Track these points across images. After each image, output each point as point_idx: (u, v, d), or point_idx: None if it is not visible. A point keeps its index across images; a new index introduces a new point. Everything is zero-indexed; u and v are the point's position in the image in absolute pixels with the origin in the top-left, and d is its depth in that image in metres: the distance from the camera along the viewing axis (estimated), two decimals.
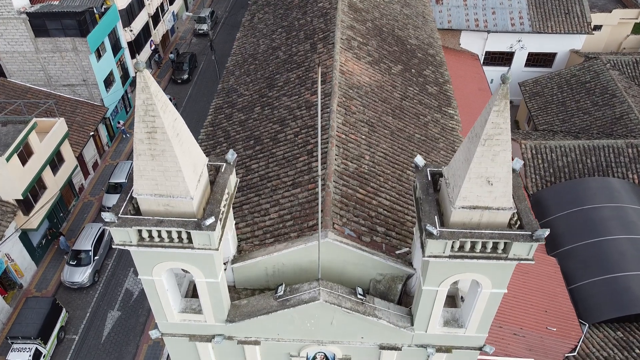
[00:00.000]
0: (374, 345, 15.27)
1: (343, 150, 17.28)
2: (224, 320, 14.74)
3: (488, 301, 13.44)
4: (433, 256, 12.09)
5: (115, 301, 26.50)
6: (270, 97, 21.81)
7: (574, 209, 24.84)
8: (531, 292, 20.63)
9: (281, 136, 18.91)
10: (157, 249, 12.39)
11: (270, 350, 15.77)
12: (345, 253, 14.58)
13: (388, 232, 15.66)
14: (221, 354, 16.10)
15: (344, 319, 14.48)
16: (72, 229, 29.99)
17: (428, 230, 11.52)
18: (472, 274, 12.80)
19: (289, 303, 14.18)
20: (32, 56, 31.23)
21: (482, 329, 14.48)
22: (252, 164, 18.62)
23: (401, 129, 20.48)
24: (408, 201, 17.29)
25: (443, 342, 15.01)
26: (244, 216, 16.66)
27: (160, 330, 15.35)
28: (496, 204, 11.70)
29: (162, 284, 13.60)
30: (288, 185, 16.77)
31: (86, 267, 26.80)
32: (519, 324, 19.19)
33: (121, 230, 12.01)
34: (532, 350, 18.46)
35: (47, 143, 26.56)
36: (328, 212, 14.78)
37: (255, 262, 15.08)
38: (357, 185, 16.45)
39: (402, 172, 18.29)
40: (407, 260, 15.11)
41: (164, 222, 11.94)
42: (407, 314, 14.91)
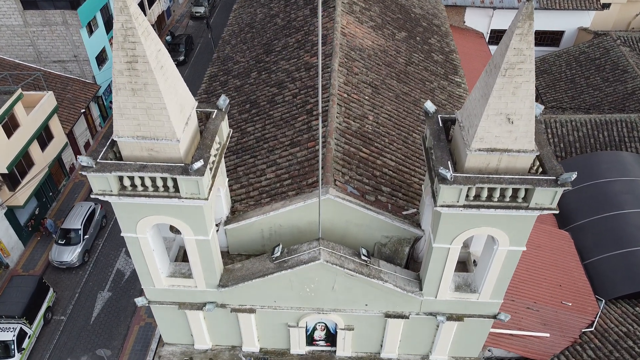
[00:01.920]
0: (379, 313, 14.09)
1: (345, 109, 16.10)
2: (216, 285, 13.56)
3: (505, 261, 12.26)
4: (446, 206, 10.90)
5: (106, 282, 25.30)
6: (267, 62, 20.61)
7: (586, 183, 23.69)
8: (544, 266, 19.46)
9: (279, 98, 17.72)
10: (141, 200, 11.21)
11: (266, 319, 14.58)
12: (347, 212, 13.41)
13: (394, 192, 14.49)
14: (213, 324, 14.91)
15: (346, 283, 13.30)
16: (62, 209, 28.80)
17: (441, 174, 10.33)
18: (488, 229, 11.62)
19: (286, 265, 13.00)
20: (21, 30, 29.99)
21: (497, 294, 13.30)
22: (247, 126, 17.44)
23: (406, 93, 19.29)
24: (415, 163, 16.12)
25: (454, 310, 13.83)
26: (238, 178, 15.49)
27: (147, 297, 14.17)
28: (516, 146, 10.52)
29: (147, 243, 12.41)
30: (286, 145, 15.59)
31: (75, 246, 25.60)
32: (532, 298, 18.02)
33: (100, 177, 10.83)
34: (547, 325, 17.29)
35: (34, 116, 25.35)
36: (329, 169, 13.61)
37: (250, 224, 13.91)
38: (360, 144, 15.27)
39: (408, 134, 17.11)
40: (414, 221, 13.94)
41: (147, 167, 10.76)
42: (415, 278, 13.74)
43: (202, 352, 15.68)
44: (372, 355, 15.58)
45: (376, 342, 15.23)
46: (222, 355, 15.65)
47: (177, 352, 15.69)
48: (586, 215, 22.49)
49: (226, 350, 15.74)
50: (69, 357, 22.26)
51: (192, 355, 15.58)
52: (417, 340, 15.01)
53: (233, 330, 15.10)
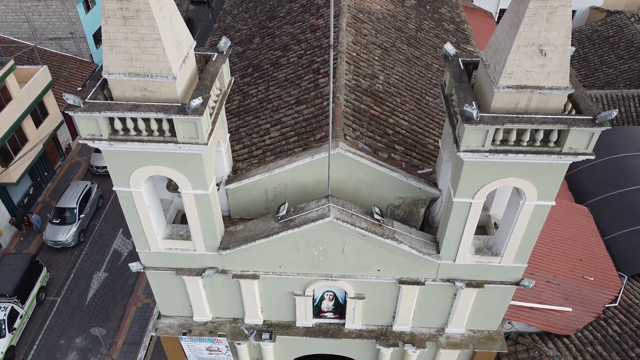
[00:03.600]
0: (392, 280, 13.06)
1: (354, 67, 15.09)
2: (216, 248, 12.55)
3: (531, 218, 11.23)
4: (470, 151, 9.87)
5: (102, 262, 24.30)
6: (270, 28, 19.58)
7: (603, 158, 22.64)
8: (563, 241, 18.42)
9: (283, 60, 16.71)
10: (134, 145, 10.19)
11: (270, 287, 13.55)
12: (358, 169, 12.40)
13: (408, 151, 13.48)
14: (214, 293, 13.89)
15: (357, 245, 12.28)
16: (57, 190, 27.79)
17: (466, 112, 9.30)
18: (514, 180, 10.59)
19: (293, 224, 11.98)
20: (15, 5, 29.00)
21: (521, 258, 12.28)
22: (250, 89, 16.43)
23: (417, 57, 18.26)
24: (429, 125, 15.11)
25: (474, 275, 12.80)
26: (240, 139, 14.48)
27: (142, 262, 13.17)
28: (549, 82, 9.49)
29: (141, 198, 11.40)
30: (291, 104, 14.58)
31: (70, 225, 24.57)
32: (553, 272, 16.97)
33: (89, 118, 9.82)
34: (569, 299, 16.25)
35: (28, 90, 24.35)
36: (339, 123, 12.60)
37: (253, 183, 12.90)
38: (370, 102, 14.26)
39: (420, 97, 16.09)
40: (431, 180, 12.92)
41: (140, 107, 9.74)
42: (432, 241, 12.71)
43: (202, 324, 14.66)
44: (384, 328, 14.56)
45: (388, 313, 14.20)
46: (223, 327, 14.63)
47: (175, 325, 14.68)
48: (604, 191, 21.44)
49: (227, 323, 14.72)
50: (62, 338, 21.27)
51: (190, 328, 14.57)
52: (432, 311, 13.99)
53: (235, 300, 14.08)
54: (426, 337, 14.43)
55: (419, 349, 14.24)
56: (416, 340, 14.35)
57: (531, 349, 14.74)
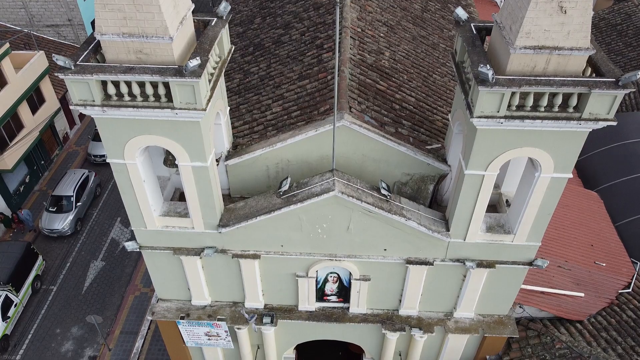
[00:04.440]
0: (400, 260, 12.50)
1: (359, 42, 14.53)
2: (215, 225, 12.00)
3: (547, 192, 10.67)
4: (484, 117, 9.31)
5: (99, 251, 23.75)
6: (272, 7, 19.01)
7: (614, 144, 22.08)
8: (574, 226, 17.86)
9: (285, 38, 16.14)
10: (128, 112, 9.64)
11: (272, 267, 13.00)
12: (364, 144, 11.85)
13: (415, 127, 12.92)
14: (213, 275, 13.34)
15: (363, 222, 11.73)
16: (54, 179, 27.24)
17: (481, 74, 8.74)
18: (530, 150, 10.03)
19: (295, 199, 11.42)
20: None
21: (535, 236, 11.72)
22: (251, 67, 15.87)
23: (424, 37, 17.70)
24: (437, 102, 14.55)
25: (485, 255, 12.25)
26: (240, 115, 13.93)
27: (138, 241, 12.62)
28: (569, 43, 8.93)
29: (137, 171, 10.85)
30: (294, 80, 14.03)
31: (67, 214, 24.03)
32: (563, 257, 16.43)
33: (80, 81, 9.26)
34: (581, 285, 15.69)
35: (24, 75, 23.79)
36: (344, 95, 12.05)
37: (254, 159, 12.35)
38: (376, 77, 13.71)
39: (428, 75, 15.53)
40: (440, 155, 12.36)
41: (135, 69, 9.19)
42: (441, 218, 12.16)
43: (201, 308, 14.11)
44: (390, 312, 14.00)
45: (394, 297, 13.65)
46: (222, 312, 14.07)
47: (173, 309, 14.13)
48: (615, 177, 20.88)
49: (227, 307, 14.17)
50: (58, 328, 20.73)
51: (189, 312, 14.02)
52: (440, 294, 13.43)
53: (235, 282, 13.53)
54: (434, 321, 13.87)
55: (426, 333, 13.69)
56: (423, 325, 13.79)
57: (543, 335, 14.18)
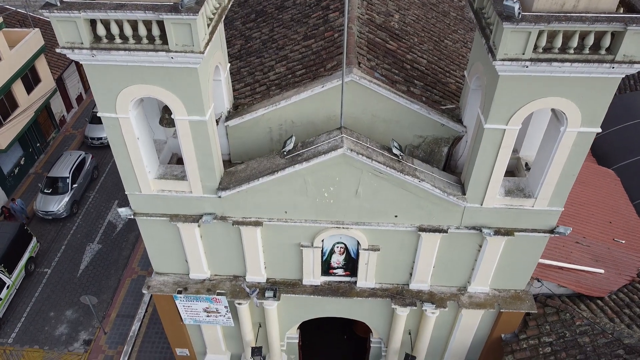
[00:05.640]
0: (411, 227, 11.71)
1: (367, 3, 13.75)
2: (214, 189, 11.22)
3: (572, 148, 9.86)
4: (508, 59, 8.51)
5: (96, 234, 22.98)
6: None
7: (628, 123, 21.29)
8: (590, 202, 17.07)
9: (289, 3, 15.34)
10: (120, 56, 8.85)
11: (275, 237, 12.21)
12: (374, 102, 11.06)
13: (428, 87, 12.13)
14: (212, 245, 12.55)
15: (373, 184, 10.94)
16: (50, 162, 26.47)
17: (507, 8, 7.93)
18: (556, 100, 9.22)
19: (300, 158, 10.64)
20: None
21: (557, 200, 10.91)
22: (252, 33, 15.07)
23: (434, 5, 16.91)
24: (450, 65, 13.76)
25: (503, 222, 11.45)
26: (241, 78, 13.15)
27: (132, 207, 11.83)
28: None
29: (130, 126, 10.07)
30: (298, 40, 13.23)
31: (62, 195, 23.26)
32: (581, 233, 15.62)
33: (67, 20, 8.49)
34: (600, 261, 14.90)
35: (18, 52, 23.02)
36: (352, 51, 11.25)
37: (256, 119, 11.56)
38: (386, 36, 12.92)
39: (439, 40, 14.73)
40: (455, 115, 11.57)
41: (126, 5, 8.41)
42: (457, 182, 11.36)
43: (199, 282, 13.33)
44: (400, 287, 13.21)
45: (405, 269, 12.86)
46: (222, 286, 13.29)
47: (170, 282, 13.36)
48: (631, 155, 20.10)
49: (227, 281, 13.39)
50: (52, 311, 19.97)
51: (186, 286, 13.24)
52: (454, 266, 12.63)
53: (235, 253, 12.75)
54: (446, 296, 13.08)
55: (438, 308, 12.89)
56: (435, 300, 13.00)
57: (562, 311, 13.38)
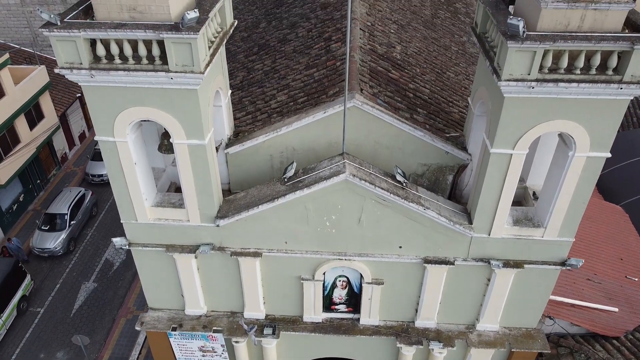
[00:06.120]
0: (416, 259, 11.24)
1: (369, 34, 13.82)
2: (213, 217, 10.85)
3: (582, 174, 9.55)
4: (513, 80, 8.34)
5: (92, 272, 22.39)
6: (278, 12, 18.54)
7: (632, 159, 21.05)
8: (600, 239, 16.57)
9: (291, 36, 15.49)
10: (119, 77, 8.72)
11: (274, 269, 11.73)
12: (377, 128, 10.87)
13: (431, 116, 11.97)
14: (209, 276, 12.05)
15: (376, 213, 10.57)
16: (50, 199, 26.17)
17: (511, 26, 7.83)
18: (563, 123, 9.00)
19: (302, 184, 10.32)
20: (17, 10, 28.43)
21: (568, 230, 10.50)
22: (255, 65, 15.14)
23: (435, 39, 17.04)
24: (453, 96, 13.67)
25: (511, 253, 10.98)
26: (243, 107, 13.06)
27: (127, 237, 11.43)
28: None
29: (127, 151, 9.84)
30: (300, 70, 13.22)
31: (60, 232, 22.81)
32: (592, 270, 15.06)
33: (67, 39, 8.41)
34: (613, 299, 14.26)
35: (23, 87, 23.23)
36: (355, 77, 11.17)
37: (257, 146, 11.34)
38: (388, 66, 12.89)
39: (441, 71, 14.73)
40: (459, 143, 11.34)
41: (127, 25, 8.34)
42: (463, 211, 10.98)
43: (195, 318, 12.73)
44: (405, 324, 12.57)
45: (410, 305, 12.28)
46: (218, 322, 12.68)
47: (164, 318, 12.75)
48: (639, 192, 19.72)
49: (224, 317, 12.79)
50: (42, 352, 19.14)
51: (181, 322, 12.63)
52: (462, 302, 12.05)
53: (233, 287, 12.23)
54: (454, 334, 12.42)
55: (446, 347, 12.21)
56: (443, 338, 12.34)
57: (576, 352, 12.67)
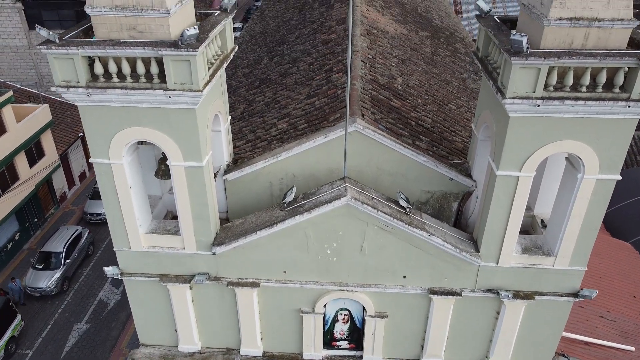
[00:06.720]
0: (422, 290, 10.72)
1: (370, 66, 13.86)
2: (209, 244, 10.45)
3: (592, 198, 9.22)
4: (518, 97, 8.17)
5: (84, 313, 21.65)
6: (280, 50, 18.79)
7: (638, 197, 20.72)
8: (611, 276, 16.02)
9: (293, 70, 15.60)
10: (116, 95, 8.58)
11: (272, 301, 11.19)
12: (379, 154, 10.64)
13: (434, 143, 11.77)
14: (204, 308, 11.49)
15: (379, 240, 10.16)
16: (47, 237, 25.74)
17: (515, 42, 7.72)
18: (570, 144, 8.76)
19: (301, 209, 9.97)
20: (24, 52, 28.93)
21: (579, 258, 10.05)
22: (256, 97, 15.15)
23: (436, 74, 17.14)
24: (455, 126, 13.54)
25: (521, 284, 10.48)
26: (243, 136, 12.90)
27: (120, 266, 10.98)
28: (609, 14, 8.01)
29: (122, 174, 9.58)
30: (302, 99, 13.16)
31: (54, 271, 22.22)
32: (605, 307, 14.44)
33: (65, 57, 8.33)
34: (629, 338, 13.57)
35: (25, 125, 23.32)
36: (356, 103, 11.06)
37: (256, 173, 11.08)
38: (390, 95, 12.83)
39: (443, 103, 14.68)
40: (464, 169, 11.06)
41: (125, 43, 8.28)
42: (469, 239, 10.57)
43: (188, 355, 12.07)
44: None
45: (415, 340, 11.63)
46: (213, 359, 12.01)
47: (156, 355, 12.09)
48: None
49: (219, 354, 12.12)
50: None
51: (174, 359, 11.96)
52: (470, 337, 11.42)
53: (229, 322, 11.64)
54: None
55: None
56: None
57: None
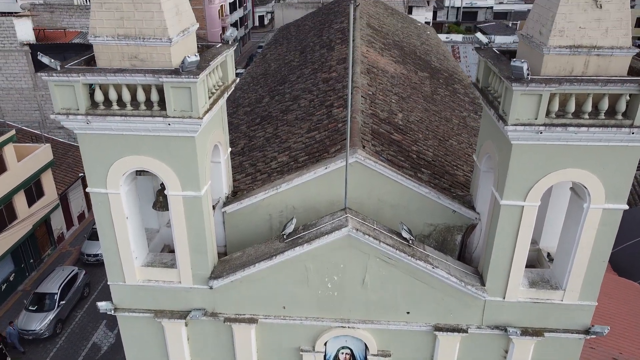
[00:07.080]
0: (426, 327, 10.30)
1: (370, 101, 13.95)
2: (206, 278, 10.14)
3: (599, 228, 8.99)
4: (520, 124, 8.09)
5: (77, 357, 20.88)
6: (281, 89, 19.04)
7: None
8: (621, 316, 15.50)
9: (294, 106, 15.72)
10: (116, 122, 8.54)
11: (271, 338, 10.74)
12: (380, 185, 10.50)
13: (435, 176, 11.64)
14: (199, 346, 11.02)
15: (381, 273, 9.86)
16: (41, 278, 25.22)
17: (515, 68, 7.73)
18: (575, 172, 8.62)
19: (301, 241, 9.72)
20: (29, 93, 29.35)
21: (589, 293, 9.71)
22: (257, 133, 15.19)
23: (436, 111, 17.24)
24: (457, 161, 13.46)
25: (529, 320, 10.08)
26: (243, 170, 12.81)
27: (113, 301, 10.62)
28: (608, 42, 8.06)
29: (119, 204, 9.41)
30: (302, 133, 13.16)
31: (48, 313, 21.61)
32: (617, 348, 13.88)
33: (65, 85, 8.35)
34: None
35: (25, 164, 23.31)
36: (356, 134, 11.01)
37: (255, 205, 10.90)
38: (390, 129, 12.83)
39: (444, 139, 14.68)
40: (467, 201, 10.88)
41: (127, 70, 8.30)
42: (474, 272, 10.25)
43: None
44: None
45: None
46: None
47: None
48: None
49: None
50: None
51: None
52: None
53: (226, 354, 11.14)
54: None
55: None
56: None
57: None
